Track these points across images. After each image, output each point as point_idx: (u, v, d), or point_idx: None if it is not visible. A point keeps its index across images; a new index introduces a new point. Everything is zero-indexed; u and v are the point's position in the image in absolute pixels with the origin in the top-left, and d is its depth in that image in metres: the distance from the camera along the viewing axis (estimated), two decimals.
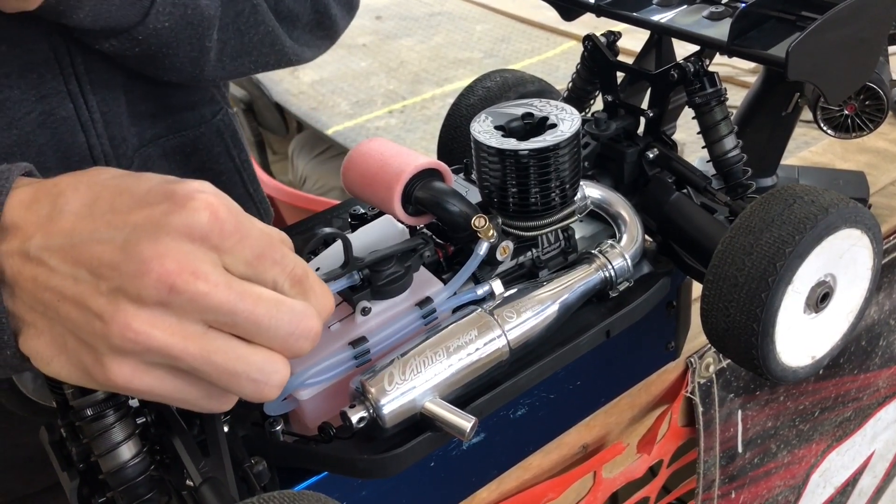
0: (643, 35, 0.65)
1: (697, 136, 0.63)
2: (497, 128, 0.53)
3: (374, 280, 0.49)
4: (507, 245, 0.53)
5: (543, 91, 0.70)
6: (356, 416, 0.46)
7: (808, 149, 1.03)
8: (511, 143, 0.52)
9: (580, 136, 0.53)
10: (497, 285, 0.53)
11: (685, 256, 0.60)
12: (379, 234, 0.55)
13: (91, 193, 0.38)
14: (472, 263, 0.51)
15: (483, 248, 0.51)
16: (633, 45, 0.67)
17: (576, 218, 0.56)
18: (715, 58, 0.65)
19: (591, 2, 0.64)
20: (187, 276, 0.36)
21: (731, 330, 0.51)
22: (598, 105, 0.69)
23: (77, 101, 0.61)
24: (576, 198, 0.55)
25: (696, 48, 0.60)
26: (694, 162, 0.68)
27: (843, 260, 0.53)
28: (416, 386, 0.47)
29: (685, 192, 0.62)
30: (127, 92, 0.65)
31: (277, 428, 0.48)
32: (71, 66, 0.60)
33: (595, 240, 0.61)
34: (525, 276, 0.57)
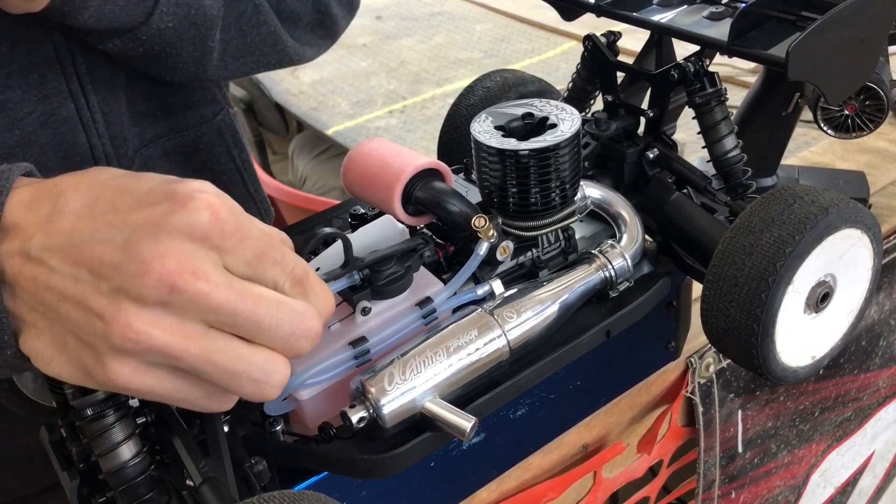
0: (643, 35, 0.65)
1: (697, 136, 0.63)
2: (497, 128, 0.53)
3: (374, 280, 0.49)
4: (508, 245, 0.53)
5: (543, 91, 0.70)
6: (356, 415, 0.46)
7: (809, 149, 1.03)
8: (511, 143, 0.52)
9: (580, 136, 0.53)
10: (497, 285, 0.53)
11: (685, 256, 0.60)
12: (379, 234, 0.55)
13: (91, 193, 0.38)
14: (472, 263, 0.51)
15: (483, 248, 0.51)
16: (633, 45, 0.67)
17: (576, 218, 0.56)
18: (715, 58, 0.65)
19: (592, 2, 0.64)
20: (188, 275, 0.36)
21: (731, 330, 0.51)
22: (599, 105, 0.69)
23: (78, 101, 0.61)
24: (576, 198, 0.55)
25: (696, 48, 0.60)
26: (694, 162, 0.68)
27: (844, 260, 0.53)
28: (416, 386, 0.47)
29: (685, 192, 0.62)
30: (128, 92, 0.65)
31: (277, 428, 0.48)
32: (72, 65, 0.60)
33: (595, 240, 0.61)
34: (525, 276, 0.57)
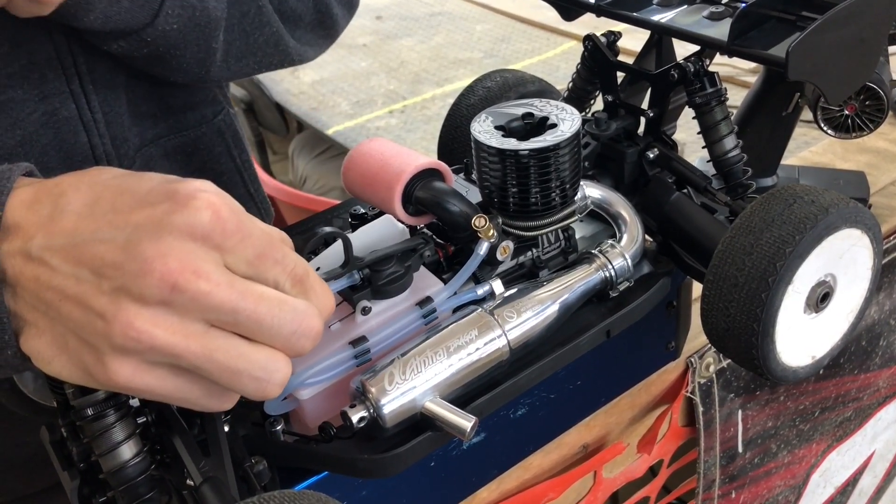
0: (643, 35, 0.65)
1: (697, 136, 0.63)
2: (497, 128, 0.53)
3: (374, 280, 0.49)
4: (508, 245, 0.53)
5: (544, 91, 0.70)
6: (356, 415, 0.46)
7: (809, 149, 1.03)
8: (511, 143, 0.52)
9: (580, 136, 0.53)
10: (497, 285, 0.53)
11: (685, 256, 0.60)
12: (379, 234, 0.56)
13: (92, 193, 0.38)
14: (473, 263, 0.51)
15: (483, 248, 0.51)
16: (633, 45, 0.67)
17: (576, 218, 0.56)
18: (715, 58, 0.65)
19: (592, 2, 0.64)
20: (189, 275, 0.36)
21: (731, 330, 0.51)
22: (599, 105, 0.69)
23: (79, 101, 0.61)
24: (576, 198, 0.55)
25: (696, 48, 0.61)
26: (694, 162, 0.68)
27: (844, 260, 0.53)
28: (416, 386, 0.47)
29: (685, 192, 0.62)
30: (129, 92, 0.65)
31: (278, 427, 0.48)
32: (73, 65, 0.60)
33: (595, 240, 0.61)
34: (525, 276, 0.57)
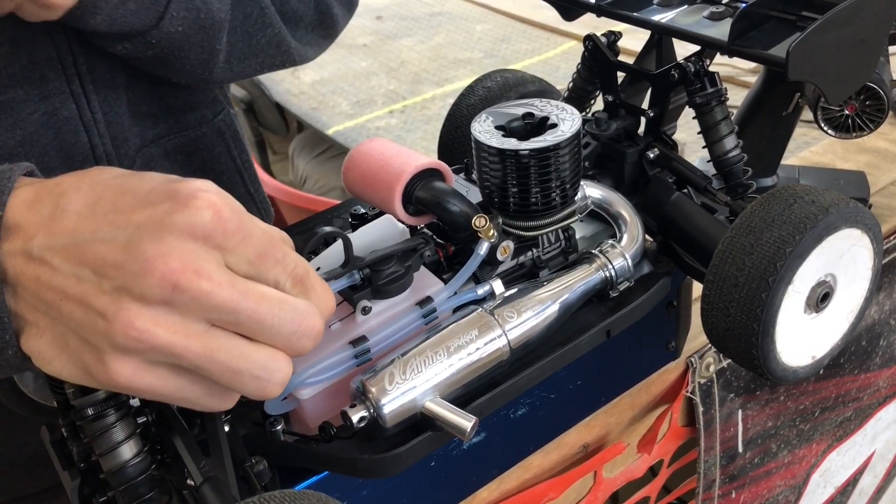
0: (644, 35, 0.65)
1: (698, 136, 0.63)
2: (498, 128, 0.53)
3: (374, 279, 0.49)
4: (508, 245, 0.53)
5: (544, 91, 0.70)
6: (357, 415, 0.46)
7: (809, 149, 1.03)
8: (512, 143, 0.52)
9: (581, 136, 0.53)
10: (497, 285, 0.53)
11: (685, 256, 0.60)
12: (379, 234, 0.56)
13: (93, 193, 0.38)
14: (473, 263, 0.51)
15: (483, 248, 0.51)
16: (633, 45, 0.67)
17: (576, 218, 0.56)
18: (715, 58, 0.65)
19: (592, 2, 0.64)
20: (190, 274, 0.36)
21: (731, 330, 0.51)
22: (599, 105, 0.69)
23: (80, 102, 0.61)
24: (576, 198, 0.55)
25: (696, 48, 0.61)
26: (694, 162, 0.68)
27: (844, 260, 0.53)
28: (416, 385, 0.47)
29: (685, 192, 0.62)
30: (129, 92, 0.65)
31: (278, 427, 0.48)
32: (74, 66, 0.60)
33: (595, 240, 0.61)
34: (525, 276, 0.57)
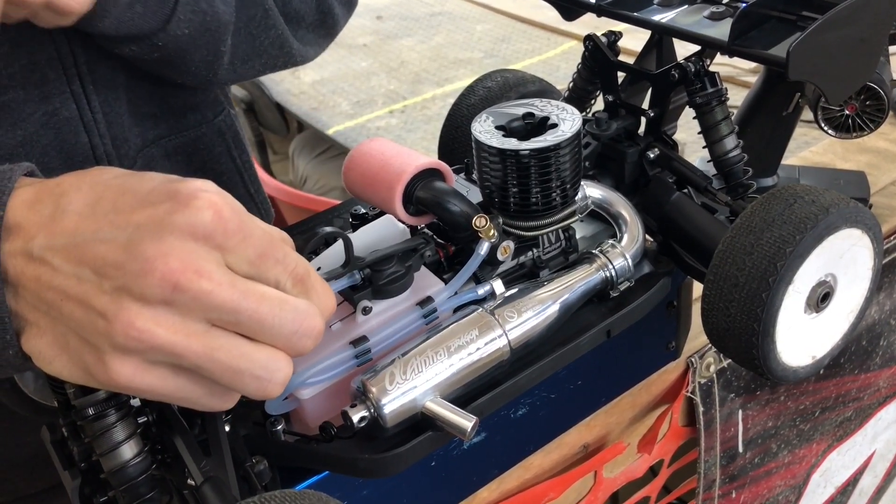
0: (644, 35, 0.65)
1: (698, 136, 0.63)
2: (498, 128, 0.53)
3: (375, 279, 0.49)
4: (508, 245, 0.53)
5: (544, 91, 0.71)
6: (357, 415, 0.46)
7: (809, 149, 1.03)
8: (512, 143, 0.52)
9: (581, 136, 0.53)
10: (498, 285, 0.53)
11: (686, 256, 0.60)
12: (380, 234, 0.56)
13: (94, 193, 0.38)
14: (473, 263, 0.51)
15: (484, 248, 0.51)
16: (633, 45, 0.67)
17: (577, 218, 0.56)
18: (716, 58, 0.65)
19: (592, 2, 0.64)
20: (191, 274, 0.36)
21: (731, 330, 0.51)
22: (599, 105, 0.69)
23: (80, 102, 0.61)
24: (577, 198, 0.55)
25: (696, 48, 0.61)
26: (694, 162, 0.68)
27: (844, 260, 0.53)
28: (416, 385, 0.47)
29: (686, 191, 0.62)
30: (129, 92, 0.65)
31: (279, 427, 0.48)
32: (74, 66, 0.60)
33: (596, 240, 0.61)
34: (526, 276, 0.57)
